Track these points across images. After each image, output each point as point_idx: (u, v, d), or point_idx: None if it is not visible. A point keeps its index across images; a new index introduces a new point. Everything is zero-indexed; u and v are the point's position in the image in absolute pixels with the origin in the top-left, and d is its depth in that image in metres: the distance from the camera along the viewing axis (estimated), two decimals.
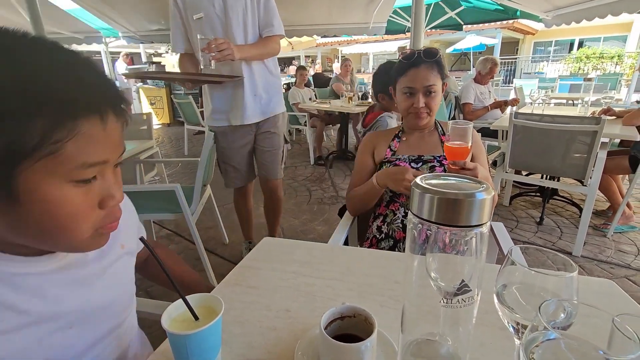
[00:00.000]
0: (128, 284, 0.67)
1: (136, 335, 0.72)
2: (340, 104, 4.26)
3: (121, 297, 0.64)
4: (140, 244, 0.76)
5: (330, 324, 0.55)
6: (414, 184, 0.38)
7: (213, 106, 1.84)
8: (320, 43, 11.66)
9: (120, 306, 0.64)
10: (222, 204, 3.14)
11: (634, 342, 0.31)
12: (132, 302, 0.68)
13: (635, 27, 12.68)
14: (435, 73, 1.19)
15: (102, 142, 0.45)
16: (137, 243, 0.72)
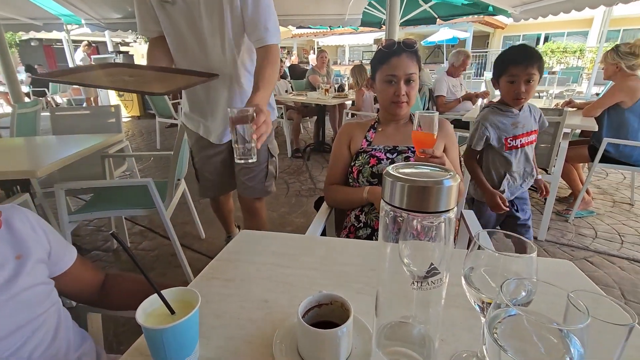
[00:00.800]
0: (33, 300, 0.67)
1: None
2: (317, 96, 4.25)
3: (22, 315, 0.64)
4: (70, 255, 0.77)
5: (307, 312, 0.56)
6: (386, 172, 0.39)
7: (186, 110, 1.58)
8: (296, 34, 11.53)
9: (25, 326, 0.64)
10: (198, 199, 3.08)
11: (583, 314, 0.33)
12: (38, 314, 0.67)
13: (595, 23, 13.36)
14: (415, 63, 1.22)
15: None
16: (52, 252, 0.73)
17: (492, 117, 1.59)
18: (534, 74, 1.43)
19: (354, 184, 1.29)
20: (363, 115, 3.72)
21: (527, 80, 1.44)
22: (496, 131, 1.59)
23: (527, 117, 1.59)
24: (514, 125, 1.57)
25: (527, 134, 1.59)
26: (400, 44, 1.21)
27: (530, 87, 1.46)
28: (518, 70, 1.44)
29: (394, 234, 0.40)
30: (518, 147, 1.58)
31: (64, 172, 2.15)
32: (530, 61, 1.42)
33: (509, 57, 1.47)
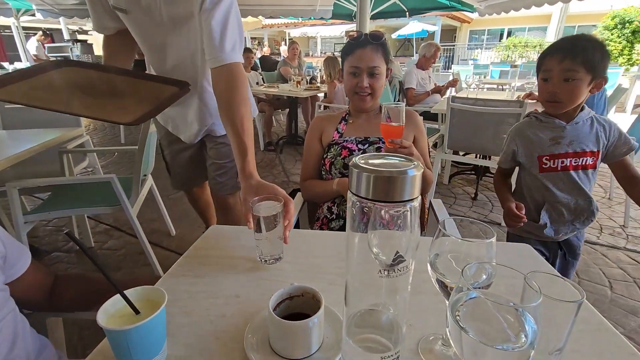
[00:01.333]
0: None
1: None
2: (289, 88, 4.20)
3: None
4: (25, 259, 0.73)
5: (279, 305, 0.56)
6: (352, 163, 0.40)
7: None
8: (266, 24, 11.27)
9: None
10: (167, 194, 2.98)
11: (536, 293, 0.35)
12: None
13: (553, 19, 14.07)
14: (380, 56, 1.21)
15: None
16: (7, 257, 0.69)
17: (527, 128, 1.28)
18: (575, 71, 1.08)
19: (327, 176, 1.30)
20: (335, 107, 3.73)
21: (565, 78, 1.09)
22: (527, 145, 1.27)
23: (583, 133, 1.19)
24: (554, 140, 1.21)
25: (576, 154, 1.20)
26: (367, 36, 1.20)
27: (571, 88, 1.10)
28: (552, 64, 1.12)
29: (361, 224, 0.41)
30: (558, 169, 1.23)
31: (18, 170, 2.00)
32: (571, 53, 1.08)
33: (548, 48, 1.17)
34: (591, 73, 1.09)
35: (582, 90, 1.10)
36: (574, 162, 1.21)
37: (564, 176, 1.24)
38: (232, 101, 1.01)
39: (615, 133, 1.20)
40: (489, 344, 0.36)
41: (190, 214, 2.69)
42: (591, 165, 1.22)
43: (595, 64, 1.08)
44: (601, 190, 3.19)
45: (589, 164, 1.21)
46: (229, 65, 1.04)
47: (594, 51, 1.08)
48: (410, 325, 0.59)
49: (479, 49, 16.90)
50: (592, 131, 1.20)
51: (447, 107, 2.57)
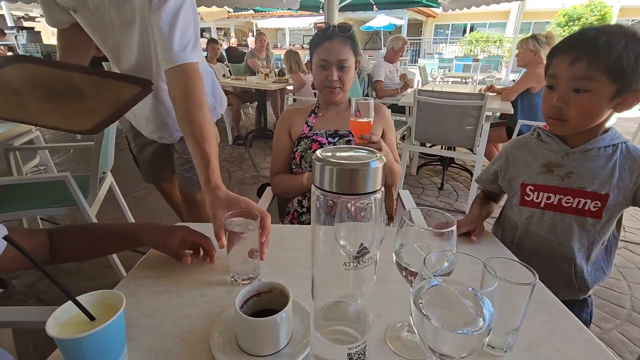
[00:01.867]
0: None
1: None
2: (257, 81, 4.12)
3: None
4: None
5: (246, 302, 0.55)
6: (315, 157, 0.39)
7: None
8: (232, 15, 10.91)
9: None
10: (130, 192, 2.85)
11: (493, 277, 0.37)
12: None
13: (512, 16, 14.75)
14: (348, 48, 1.20)
15: None
16: None
17: (521, 145, 0.98)
18: (590, 79, 0.76)
19: (297, 170, 1.28)
20: (304, 100, 3.71)
21: (576, 88, 0.78)
22: (514, 167, 0.97)
23: (592, 166, 0.85)
24: (546, 167, 0.90)
25: (571, 192, 0.86)
26: (335, 28, 1.19)
27: (582, 102, 0.79)
28: (560, 68, 0.80)
29: (326, 217, 0.40)
30: (540, 205, 0.91)
31: None
32: (588, 52, 0.76)
33: (559, 44, 0.84)
34: (617, 83, 0.75)
35: (599, 106, 0.78)
36: (566, 202, 0.87)
37: (546, 217, 0.91)
38: (188, 107, 0.94)
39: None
40: (450, 329, 0.38)
41: (155, 212, 2.59)
42: (592, 212, 0.85)
43: (625, 71, 0.74)
44: None
45: (588, 209, 0.85)
46: (182, 67, 0.97)
47: (625, 51, 0.73)
48: (378, 314, 0.60)
49: (444, 43, 17.43)
50: (607, 166, 0.83)
51: (413, 100, 2.63)
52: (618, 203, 0.84)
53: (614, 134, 0.86)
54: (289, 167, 1.32)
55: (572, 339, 0.57)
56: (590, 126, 0.84)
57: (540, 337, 0.57)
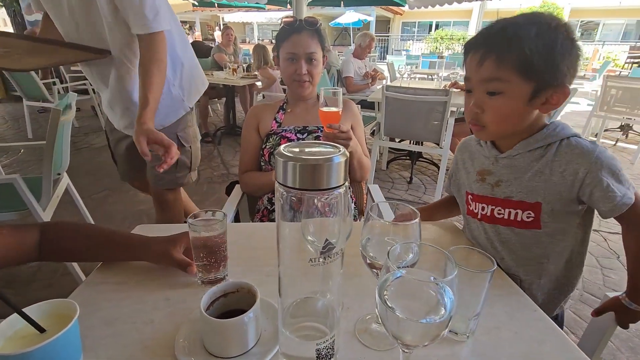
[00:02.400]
0: None
1: None
2: (224, 76, 4.00)
3: None
4: None
5: (213, 303, 0.54)
6: (277, 153, 0.38)
7: None
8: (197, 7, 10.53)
9: None
10: (89, 195, 2.69)
11: (452, 265, 0.38)
12: None
13: (474, 14, 15.35)
14: (316, 42, 1.20)
15: None
16: None
17: (466, 147, 0.90)
18: (499, 80, 0.67)
19: (266, 167, 1.27)
20: (274, 96, 3.66)
21: (489, 91, 0.69)
22: (460, 172, 0.90)
23: (519, 172, 0.75)
24: (480, 175, 0.81)
25: (503, 203, 0.77)
26: (302, 22, 1.18)
27: (497, 106, 0.70)
28: (470, 69, 0.71)
29: (290, 213, 0.40)
30: (477, 217, 0.82)
31: None
32: (494, 48, 0.67)
33: (467, 42, 0.73)
34: (532, 81, 0.66)
35: (514, 109, 0.69)
36: (498, 214, 0.78)
37: (485, 230, 0.82)
38: (148, 66, 1.12)
39: (595, 175, 0.67)
40: (413, 319, 0.39)
41: (116, 214, 2.47)
42: (527, 224, 0.75)
43: (536, 66, 0.64)
44: None
45: (521, 220, 0.75)
46: (152, 35, 1.12)
47: (534, 43, 0.63)
48: (347, 308, 0.61)
49: (411, 40, 17.83)
50: (532, 170, 0.73)
51: (382, 96, 2.67)
52: (557, 210, 0.72)
53: (551, 132, 0.73)
54: (258, 164, 1.30)
55: (528, 321, 0.60)
56: (513, 130, 0.74)
57: (500, 321, 0.60)
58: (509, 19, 0.68)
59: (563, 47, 0.65)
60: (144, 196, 2.71)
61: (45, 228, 0.68)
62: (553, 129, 0.74)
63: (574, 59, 0.67)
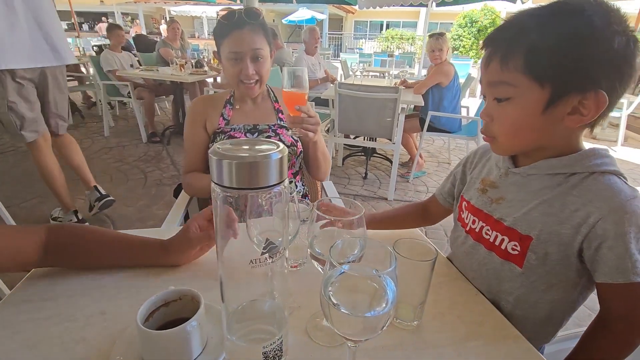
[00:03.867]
0: None
1: None
2: (171, 72, 3.79)
3: None
4: None
5: (152, 314, 0.50)
6: (211, 151, 0.36)
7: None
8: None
9: None
10: (18, 203, 2.42)
11: (393, 257, 0.39)
12: None
13: (421, 16, 16.08)
14: (262, 36, 1.08)
15: None
16: None
17: (488, 152, 0.77)
18: (506, 84, 0.56)
19: None
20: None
21: (496, 97, 0.59)
22: (472, 172, 0.78)
23: (526, 196, 0.63)
24: (483, 184, 0.72)
25: (495, 224, 0.66)
26: (242, 15, 1.05)
27: (504, 115, 0.59)
28: (482, 71, 0.62)
29: (227, 214, 0.38)
30: (466, 229, 0.74)
31: None
32: (501, 46, 0.56)
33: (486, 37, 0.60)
34: (547, 84, 0.53)
35: (527, 119, 0.57)
36: (485, 233, 0.68)
37: (468, 243, 0.73)
38: None
39: (614, 227, 0.53)
40: (358, 314, 0.39)
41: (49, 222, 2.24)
42: (508, 255, 0.64)
43: (550, 65, 0.52)
44: None
45: (505, 249, 0.64)
46: None
47: (552, 35, 0.51)
48: (299, 307, 0.60)
49: (364, 39, 18.25)
50: (542, 198, 0.61)
51: (335, 93, 2.70)
52: (550, 256, 0.59)
53: (582, 159, 0.58)
54: (205, 164, 1.22)
55: (470, 305, 0.64)
56: (530, 145, 0.61)
57: (444, 306, 0.63)
58: (528, 10, 0.55)
59: (595, 39, 0.49)
60: (83, 202, 2.50)
61: (52, 231, 0.63)
62: (586, 156, 0.58)
63: (618, 55, 0.50)
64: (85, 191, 2.30)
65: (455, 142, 4.22)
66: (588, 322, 0.64)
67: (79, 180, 2.25)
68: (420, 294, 0.56)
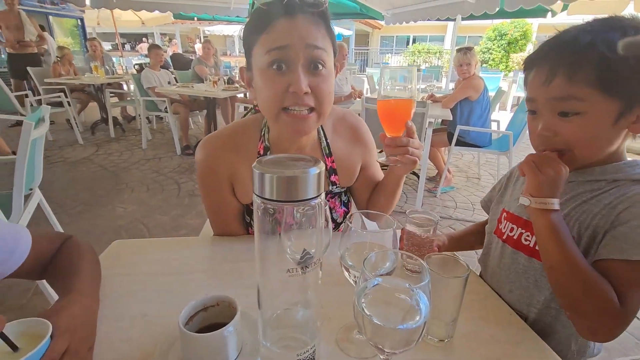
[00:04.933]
0: None
1: None
2: (205, 89, 3.99)
3: None
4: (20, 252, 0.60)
5: (192, 318, 0.53)
6: (254, 166, 0.39)
7: None
8: (177, 20, 10.50)
9: None
10: (65, 210, 2.60)
11: (426, 271, 0.40)
12: None
13: (449, 30, 15.97)
14: (323, 32, 0.67)
15: None
16: None
17: None
18: (575, 99, 0.57)
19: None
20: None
21: (562, 112, 0.59)
22: (515, 184, 0.79)
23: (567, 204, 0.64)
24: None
25: (532, 226, 0.64)
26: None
27: (572, 127, 0.58)
28: (535, 87, 0.62)
29: (267, 225, 0.40)
30: (503, 238, 0.74)
31: None
32: (564, 62, 0.57)
33: (531, 56, 0.64)
34: (618, 97, 0.55)
35: (601, 131, 0.58)
36: (525, 240, 0.68)
37: (506, 253, 0.73)
38: None
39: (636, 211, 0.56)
40: (391, 326, 0.40)
41: (94, 230, 2.39)
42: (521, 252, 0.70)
43: (622, 79, 0.54)
44: None
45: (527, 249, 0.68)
46: None
47: (615, 51, 0.49)
48: (329, 318, 0.61)
49: (390, 54, 18.32)
50: (581, 199, 0.63)
51: (362, 108, 2.73)
52: (588, 255, 0.61)
53: (626, 168, 0.60)
54: (241, 223, 0.91)
55: (504, 324, 0.62)
56: (602, 155, 0.62)
57: (477, 324, 0.62)
58: (581, 26, 0.57)
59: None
60: (123, 211, 2.65)
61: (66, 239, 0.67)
62: (630, 166, 0.60)
63: None
64: None
65: (486, 157, 4.10)
66: (636, 352, 0.60)
67: None
68: (452, 310, 0.55)
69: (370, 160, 0.92)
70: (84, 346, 0.49)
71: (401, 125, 0.68)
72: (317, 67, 0.66)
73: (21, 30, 4.52)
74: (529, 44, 13.05)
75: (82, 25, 7.13)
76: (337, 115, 0.90)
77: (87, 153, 4.04)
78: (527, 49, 13.05)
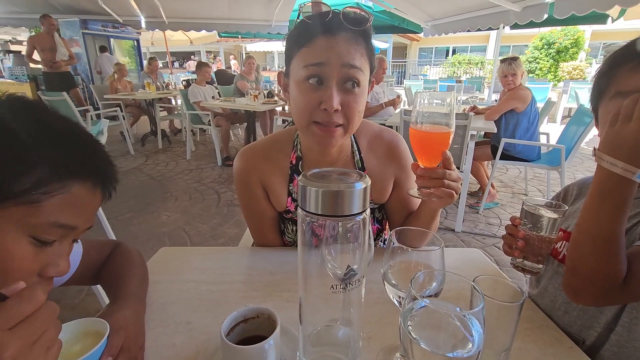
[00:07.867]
0: None
1: None
2: (246, 102, 4.16)
3: None
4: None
5: (233, 328, 0.54)
6: (300, 179, 0.39)
7: None
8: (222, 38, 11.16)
9: None
10: (115, 216, 2.79)
11: (480, 296, 0.37)
12: None
13: (491, 39, 15.44)
14: (362, 52, 0.68)
15: (82, 208, 0.45)
16: None
17: None
18: None
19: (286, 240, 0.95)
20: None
21: None
22: (571, 204, 0.78)
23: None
24: None
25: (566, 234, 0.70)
26: (339, 16, 0.65)
27: None
28: (633, 82, 0.58)
29: (312, 239, 0.40)
30: (559, 257, 0.73)
31: None
32: None
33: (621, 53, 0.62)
34: None
35: None
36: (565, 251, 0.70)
37: (560, 272, 0.71)
38: None
39: None
40: (439, 352, 0.37)
41: (140, 235, 2.53)
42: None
43: None
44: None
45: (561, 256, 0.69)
46: None
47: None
48: (369, 338, 0.59)
49: (428, 65, 18.02)
50: None
51: (400, 120, 2.69)
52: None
53: None
54: (278, 232, 0.94)
55: (563, 358, 0.57)
56: None
57: (532, 356, 0.56)
58: None
59: None
60: (167, 218, 2.79)
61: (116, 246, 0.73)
62: None
63: None
64: None
65: (533, 172, 3.86)
66: None
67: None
68: (505, 340, 0.51)
69: (403, 179, 0.89)
70: (136, 344, 0.53)
71: (437, 155, 0.61)
72: (351, 85, 0.68)
73: (55, 51, 4.88)
74: (581, 52, 12.24)
75: (138, 46, 7.78)
76: (374, 132, 0.90)
77: (137, 163, 4.33)
78: (579, 57, 12.24)
